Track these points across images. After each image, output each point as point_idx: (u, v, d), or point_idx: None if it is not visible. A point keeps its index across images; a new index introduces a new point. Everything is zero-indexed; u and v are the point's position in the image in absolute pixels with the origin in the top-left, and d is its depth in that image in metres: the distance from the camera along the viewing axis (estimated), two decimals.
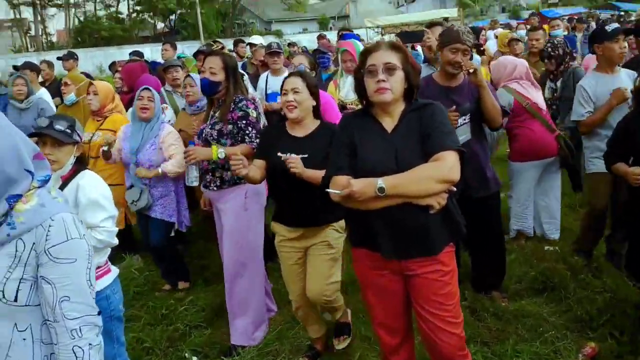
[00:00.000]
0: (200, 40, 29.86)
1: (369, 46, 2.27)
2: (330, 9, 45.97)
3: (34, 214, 1.46)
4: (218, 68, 3.25)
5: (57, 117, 2.58)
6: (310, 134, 2.84)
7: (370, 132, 2.17)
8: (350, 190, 1.97)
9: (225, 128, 3.23)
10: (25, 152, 1.51)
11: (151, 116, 3.94)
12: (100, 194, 2.52)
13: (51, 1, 34.48)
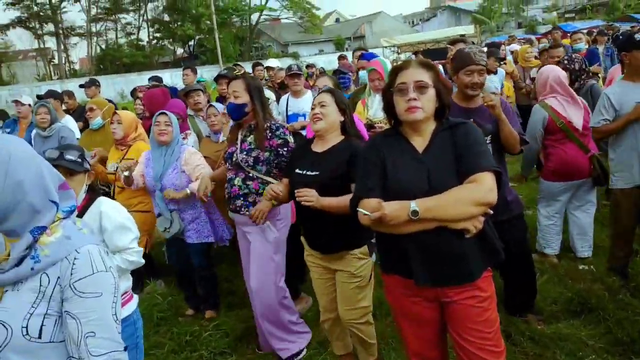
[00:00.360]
0: (219, 65, 30.36)
1: (399, 64, 2.21)
2: (345, 30, 46.45)
3: (59, 246, 1.43)
4: (241, 90, 3.27)
5: (67, 147, 2.60)
6: (329, 149, 2.79)
7: (401, 152, 2.10)
8: (382, 214, 1.90)
9: (262, 155, 3.21)
10: (50, 182, 1.48)
11: (169, 140, 3.90)
12: (124, 217, 2.56)
13: (74, 30, 35.44)
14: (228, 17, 36.34)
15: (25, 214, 1.41)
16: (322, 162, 2.73)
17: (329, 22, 53.52)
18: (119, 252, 2.51)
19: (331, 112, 2.78)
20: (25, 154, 1.45)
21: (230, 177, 3.34)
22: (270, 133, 3.23)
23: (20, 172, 1.40)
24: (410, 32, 40.32)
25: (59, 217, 1.50)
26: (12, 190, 1.39)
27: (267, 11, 37.43)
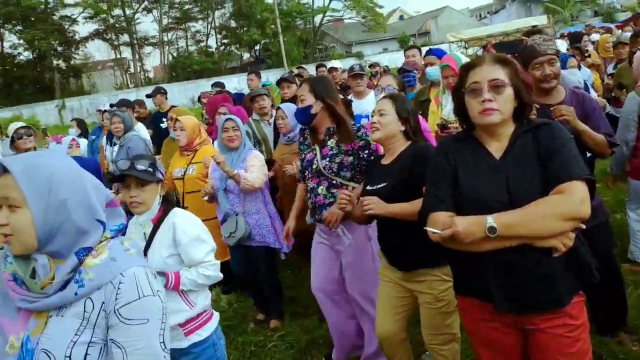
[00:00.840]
0: (284, 68, 30.73)
1: (471, 61, 1.97)
2: (409, 27, 45.62)
3: (104, 269, 1.35)
4: (305, 92, 3.13)
5: (137, 157, 2.52)
6: (395, 159, 2.60)
7: (475, 158, 1.86)
8: (454, 231, 1.68)
9: (346, 160, 3.05)
10: (96, 200, 1.41)
11: (239, 145, 3.92)
12: (200, 228, 2.47)
13: (147, 40, 37.12)
14: (292, 20, 36.72)
15: (70, 234, 1.35)
16: (389, 174, 2.54)
17: (393, 20, 52.78)
18: (195, 266, 2.42)
19: (390, 122, 2.59)
20: (69, 171, 1.38)
21: (312, 186, 3.16)
22: (353, 134, 3.06)
23: (64, 191, 1.34)
24: (478, 25, 38.90)
25: (107, 236, 1.43)
26: (56, 209, 1.33)
27: (330, 12, 37.42)
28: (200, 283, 2.41)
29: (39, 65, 31.63)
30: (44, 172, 1.33)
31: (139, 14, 35.31)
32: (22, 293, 1.35)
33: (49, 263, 1.35)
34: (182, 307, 2.42)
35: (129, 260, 1.40)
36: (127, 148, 5.33)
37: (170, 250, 2.42)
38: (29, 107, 26.44)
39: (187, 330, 2.42)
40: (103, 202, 1.45)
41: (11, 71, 30.78)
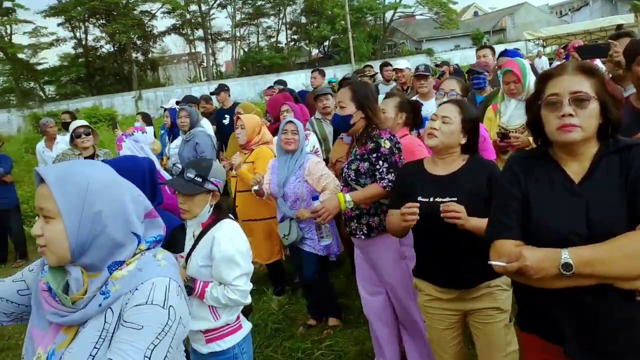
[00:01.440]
0: (351, 64, 30.57)
1: (550, 70, 1.72)
2: (484, 23, 44.04)
3: (130, 279, 1.29)
4: (347, 100, 2.97)
5: (191, 164, 2.46)
6: (457, 171, 2.36)
7: (550, 181, 1.63)
8: (523, 265, 1.46)
9: (361, 166, 2.90)
10: (133, 211, 1.35)
11: (295, 149, 3.85)
12: (235, 250, 2.35)
13: (220, 36, 38.10)
14: (362, 16, 36.40)
15: (104, 247, 1.30)
16: (453, 186, 2.30)
17: (467, 16, 51.15)
18: (225, 284, 2.35)
19: (452, 132, 2.36)
20: (105, 181, 1.33)
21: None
22: (367, 137, 2.90)
23: (99, 202, 1.29)
24: (558, 23, 36.91)
25: (142, 248, 1.37)
26: (90, 221, 1.28)
27: (402, 8, 36.71)
28: (223, 303, 2.34)
29: (119, 57, 33.28)
30: (78, 182, 1.29)
31: (214, 9, 36.34)
32: (54, 306, 1.31)
33: (82, 277, 1.31)
34: (206, 316, 2.39)
35: (155, 271, 1.33)
36: (194, 143, 5.42)
37: (205, 261, 2.38)
38: (108, 98, 27.89)
39: (208, 338, 2.40)
40: (141, 213, 1.40)
41: (93, 63, 32.58)
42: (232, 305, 2.38)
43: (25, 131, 22.33)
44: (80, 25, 32.62)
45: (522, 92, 3.58)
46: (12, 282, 1.47)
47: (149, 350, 1.21)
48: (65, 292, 1.33)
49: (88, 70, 31.60)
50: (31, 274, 1.47)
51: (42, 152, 7.18)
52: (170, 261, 1.43)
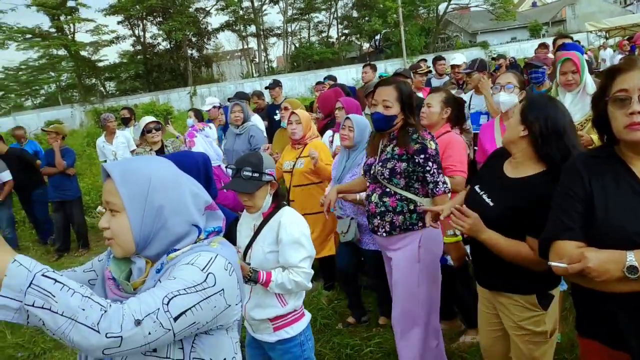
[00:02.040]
0: (403, 58, 30.16)
1: (619, 64, 1.63)
2: (543, 14, 42.36)
3: (181, 257, 1.36)
4: (392, 99, 2.86)
5: (242, 162, 2.52)
6: (524, 178, 2.12)
7: (616, 181, 1.56)
8: (585, 267, 1.40)
9: (398, 166, 2.83)
10: (192, 205, 1.41)
11: (350, 145, 3.85)
12: (301, 233, 2.44)
13: (272, 31, 38.51)
14: (414, 9, 35.82)
15: (166, 239, 1.37)
16: (507, 191, 2.13)
17: (524, 7, 49.37)
18: (288, 268, 2.42)
19: (511, 124, 2.18)
20: (166, 177, 1.39)
21: (368, 193, 3.02)
22: (409, 138, 2.81)
23: (160, 197, 1.35)
24: (622, 13, 34.99)
25: (201, 238, 1.43)
26: (153, 216, 1.34)
27: (456, 0, 35.95)
28: (288, 288, 2.40)
29: (175, 54, 34.24)
30: (141, 178, 1.35)
31: (266, 5, 36.73)
32: (116, 293, 1.38)
33: (145, 266, 1.38)
34: (274, 303, 2.46)
35: (206, 248, 1.39)
36: (249, 137, 5.56)
37: (271, 247, 2.45)
38: (164, 94, 28.79)
39: (275, 325, 2.48)
40: (202, 206, 1.46)
41: (151, 59, 33.71)
42: (296, 290, 2.45)
43: (87, 126, 23.43)
44: (139, 23, 33.83)
45: (580, 84, 3.43)
46: (82, 272, 1.56)
47: (172, 294, 1.24)
48: (127, 279, 1.40)
49: (146, 67, 32.75)
50: (100, 263, 1.56)
51: (102, 146, 7.50)
52: (225, 245, 1.46)
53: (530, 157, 2.13)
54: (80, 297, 1.12)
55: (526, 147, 2.13)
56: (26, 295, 1.08)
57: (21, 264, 1.10)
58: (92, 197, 9.31)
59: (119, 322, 1.14)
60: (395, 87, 2.91)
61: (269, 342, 2.50)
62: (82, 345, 1.11)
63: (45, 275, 1.11)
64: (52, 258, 7.23)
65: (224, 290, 1.34)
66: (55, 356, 4.32)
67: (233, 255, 1.45)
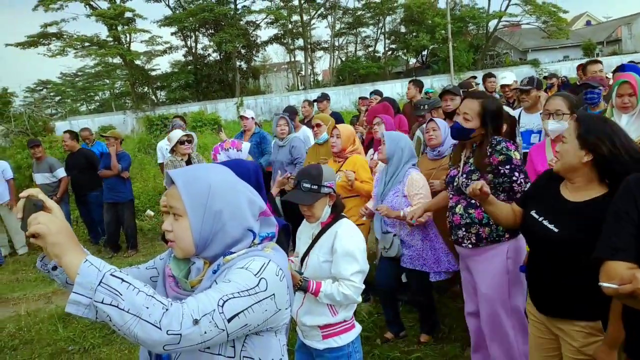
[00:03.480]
0: (450, 74, 29.87)
1: None
2: (597, 33, 41.16)
3: (236, 260, 1.43)
4: (473, 114, 2.89)
5: (303, 174, 2.61)
6: (587, 201, 2.08)
7: None
8: (636, 288, 1.39)
9: (484, 178, 2.82)
10: (248, 210, 1.49)
11: (383, 158, 3.87)
12: (356, 246, 2.49)
13: (319, 45, 38.93)
14: (464, 25, 35.48)
15: (224, 242, 1.45)
16: (572, 216, 2.09)
17: (578, 26, 48.09)
18: (339, 280, 2.46)
19: (569, 150, 2.10)
20: (225, 184, 1.47)
21: (451, 204, 3.04)
22: (490, 149, 2.81)
23: (219, 202, 1.43)
24: None
25: (255, 243, 1.49)
26: (212, 219, 1.42)
27: (507, 17, 35.25)
28: (337, 300, 2.44)
29: (224, 65, 35.05)
30: (202, 185, 1.43)
31: (315, 19, 37.23)
32: (176, 291, 1.47)
33: (203, 266, 1.46)
34: (324, 312, 2.51)
35: (259, 254, 1.45)
36: (290, 147, 5.71)
37: (326, 256, 2.52)
38: (212, 103, 29.52)
39: (325, 333, 2.52)
40: (256, 212, 1.53)
41: (201, 70, 34.61)
42: (345, 303, 2.47)
43: (138, 132, 24.26)
44: (191, 34, 34.88)
45: (636, 106, 3.37)
46: (145, 269, 1.67)
47: (226, 297, 1.31)
48: (186, 278, 1.48)
49: (196, 77, 33.63)
50: (161, 262, 1.66)
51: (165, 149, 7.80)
52: (278, 251, 1.53)
53: (591, 180, 2.10)
54: (144, 296, 1.21)
55: (589, 171, 2.08)
56: (96, 293, 1.18)
57: (92, 264, 1.21)
58: (142, 200, 9.64)
59: (179, 320, 1.22)
60: (481, 102, 2.94)
61: (318, 349, 2.55)
62: (145, 340, 1.19)
63: (114, 275, 1.21)
64: (103, 257, 7.50)
65: (274, 295, 1.40)
66: (103, 351, 4.49)
67: (284, 262, 1.51)
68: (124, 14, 29.66)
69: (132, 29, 30.45)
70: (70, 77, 34.95)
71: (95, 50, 29.97)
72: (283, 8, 34.72)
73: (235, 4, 33.74)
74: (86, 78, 34.19)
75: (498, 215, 2.48)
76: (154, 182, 10.79)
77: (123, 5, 29.89)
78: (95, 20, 29.17)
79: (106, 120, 27.23)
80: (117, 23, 29.32)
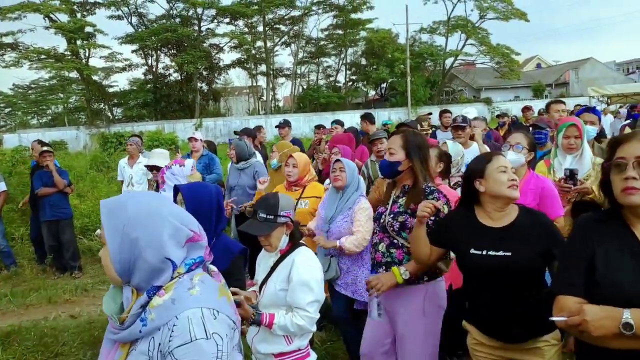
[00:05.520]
0: (407, 107, 30.72)
1: (620, 136, 1.83)
2: (546, 76, 43.45)
3: (164, 311, 1.39)
4: (397, 147, 2.97)
5: (260, 204, 2.62)
6: (512, 223, 2.36)
7: (619, 242, 1.66)
8: (582, 320, 1.50)
9: (409, 221, 2.88)
10: (168, 239, 1.46)
11: (343, 185, 3.89)
12: (312, 276, 2.49)
13: (281, 72, 39.34)
14: (422, 61, 36.75)
15: (143, 270, 1.43)
16: (509, 240, 2.30)
17: (529, 68, 50.66)
18: (294, 309, 2.46)
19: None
20: (144, 211, 1.46)
21: (375, 241, 3.07)
22: (422, 196, 2.83)
23: (136, 231, 1.42)
24: (624, 81, 35.96)
25: (180, 272, 1.47)
26: (129, 247, 1.42)
27: (463, 56, 36.84)
28: (291, 331, 2.44)
29: (185, 86, 34.80)
30: (122, 213, 1.44)
31: (278, 46, 37.66)
32: (111, 324, 1.46)
33: (132, 296, 1.44)
34: (279, 340, 2.50)
35: (187, 302, 1.41)
36: (254, 172, 5.72)
37: (283, 285, 2.52)
38: (170, 123, 29.17)
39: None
40: (182, 239, 1.50)
41: (160, 89, 34.19)
42: (299, 333, 2.48)
43: (91, 149, 23.62)
44: (153, 53, 34.57)
45: (580, 148, 3.59)
46: None
47: None
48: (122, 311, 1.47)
49: (155, 96, 33.21)
50: None
51: (123, 167, 7.67)
52: (205, 284, 1.50)
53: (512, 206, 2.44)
54: None
55: None
56: None
57: None
58: (92, 219, 9.32)
59: None
60: (402, 135, 3.03)
61: None
62: None
63: None
64: (48, 278, 7.21)
65: (227, 334, 1.43)
66: None
67: (213, 292, 1.49)
68: (84, 28, 29.18)
69: (92, 44, 29.93)
70: (23, 89, 33.76)
71: (52, 63, 29.23)
72: (247, 33, 35.02)
73: (199, 26, 33.80)
74: (40, 91, 33.10)
75: (422, 242, 2.58)
76: None
77: (84, 20, 29.42)
78: (54, 32, 28.57)
79: (58, 135, 26.42)
80: (77, 37, 28.76)
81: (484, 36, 35.32)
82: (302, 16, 36.05)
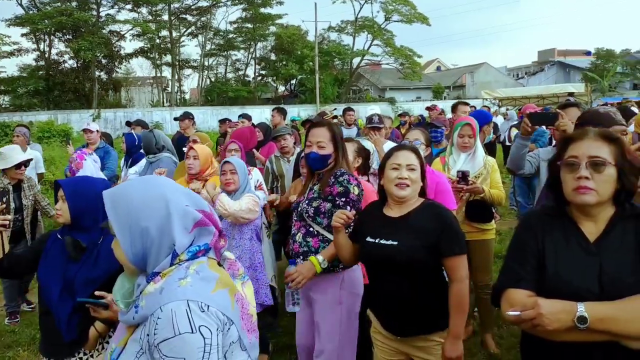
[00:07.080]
0: (316, 104, 31.09)
1: (572, 134, 1.85)
2: (445, 78, 45.98)
3: (151, 299, 1.33)
4: (326, 140, 2.96)
5: None
6: (407, 214, 2.42)
7: (566, 239, 1.69)
8: (537, 314, 1.51)
9: (323, 205, 2.91)
10: (178, 223, 1.40)
11: (235, 188, 3.85)
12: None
13: (188, 63, 38.11)
14: (330, 59, 37.33)
15: (163, 255, 1.39)
16: (400, 230, 2.36)
17: (430, 70, 53.29)
18: None
19: (418, 178, 2.45)
20: (148, 199, 1.40)
21: (294, 231, 3.07)
22: (333, 179, 2.88)
23: (144, 220, 1.38)
24: (514, 85, 39.02)
25: (182, 258, 1.39)
26: (140, 238, 1.38)
27: (369, 56, 37.90)
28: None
29: (81, 74, 32.56)
30: (124, 203, 1.39)
31: (185, 37, 36.44)
32: (120, 307, 1.47)
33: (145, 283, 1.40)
34: None
35: (174, 293, 1.31)
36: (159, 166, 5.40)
37: None
38: (64, 113, 27.18)
39: None
40: (189, 224, 1.42)
41: (54, 77, 31.70)
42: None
43: None
44: (45, 37, 32.01)
45: (473, 147, 3.82)
46: None
47: None
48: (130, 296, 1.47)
49: (47, 84, 30.76)
50: None
51: None
52: (200, 275, 1.38)
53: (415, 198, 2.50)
54: None
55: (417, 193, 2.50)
56: None
57: None
58: None
59: None
60: (329, 127, 3.03)
61: None
62: None
63: None
64: None
65: (217, 327, 1.31)
66: None
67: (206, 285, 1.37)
68: None
69: None
70: None
71: None
72: (151, 22, 33.51)
73: (97, 12, 31.79)
74: None
75: (343, 248, 2.60)
76: None
77: None
78: None
79: None
80: None
81: (389, 37, 36.65)
82: (210, 7, 35.19)
